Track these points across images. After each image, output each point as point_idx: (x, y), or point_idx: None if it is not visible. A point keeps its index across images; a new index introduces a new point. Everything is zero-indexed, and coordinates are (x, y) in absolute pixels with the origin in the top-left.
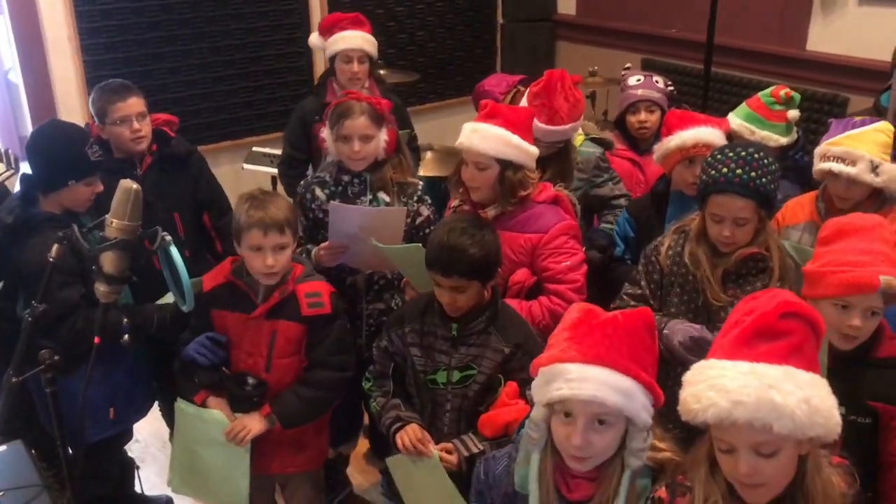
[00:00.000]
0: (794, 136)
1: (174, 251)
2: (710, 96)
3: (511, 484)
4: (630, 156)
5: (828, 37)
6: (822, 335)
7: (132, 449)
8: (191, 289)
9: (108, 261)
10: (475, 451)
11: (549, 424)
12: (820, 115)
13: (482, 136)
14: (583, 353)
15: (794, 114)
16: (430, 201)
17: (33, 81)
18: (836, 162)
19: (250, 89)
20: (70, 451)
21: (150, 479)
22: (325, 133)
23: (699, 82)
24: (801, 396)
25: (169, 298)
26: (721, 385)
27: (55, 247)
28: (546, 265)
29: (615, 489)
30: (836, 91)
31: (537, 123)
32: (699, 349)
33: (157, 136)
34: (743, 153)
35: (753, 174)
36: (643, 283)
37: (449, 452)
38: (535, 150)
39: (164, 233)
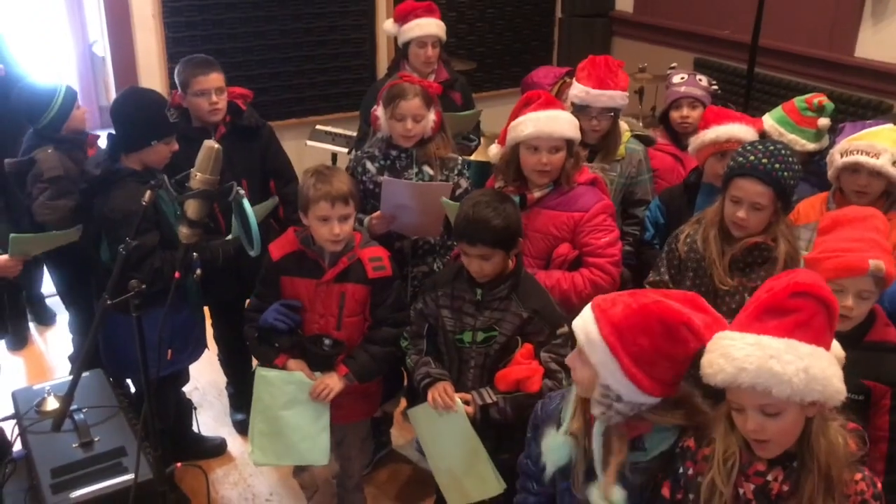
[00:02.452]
0: (825, 143)
1: (246, 203)
2: (755, 97)
3: (559, 421)
4: (672, 150)
5: (877, 44)
6: (835, 312)
7: (192, 395)
8: (259, 237)
9: (192, 207)
10: (489, 401)
11: None
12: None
13: (556, 120)
14: None
15: (824, 122)
16: (468, 174)
17: (119, 54)
18: (861, 154)
19: (316, 71)
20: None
21: (206, 423)
22: (378, 111)
23: (745, 82)
24: (800, 366)
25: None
26: (729, 353)
27: (148, 192)
28: (587, 241)
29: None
30: (881, 98)
31: (588, 90)
32: None
33: (231, 109)
34: (771, 147)
35: (777, 165)
36: (663, 269)
37: (467, 403)
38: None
39: (238, 187)
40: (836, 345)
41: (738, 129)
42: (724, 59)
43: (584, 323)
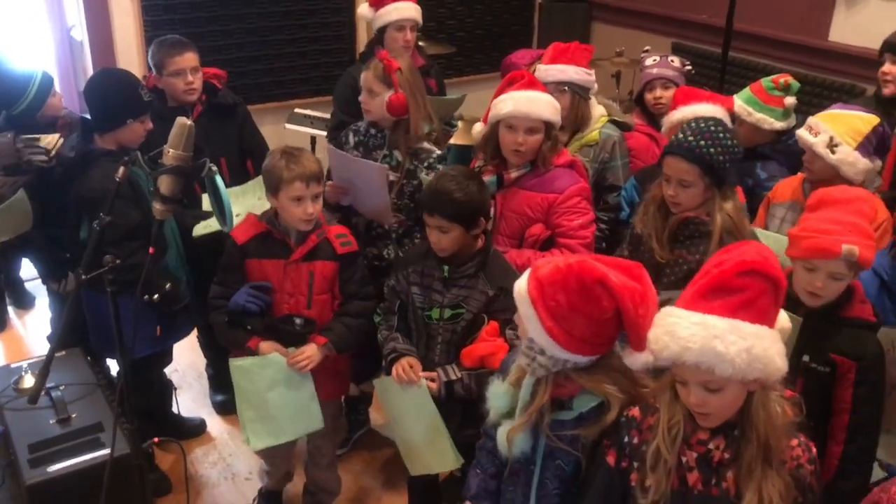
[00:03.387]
0: (791, 122)
1: (218, 179)
2: (730, 81)
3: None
4: (648, 131)
5: (850, 28)
6: (782, 288)
7: (171, 376)
8: (232, 213)
9: (165, 183)
10: (453, 378)
11: None
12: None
13: (535, 101)
14: None
15: (790, 100)
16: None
17: (97, 38)
18: (805, 130)
19: (295, 55)
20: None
21: (186, 405)
22: None
23: (721, 66)
24: (742, 346)
25: (213, 223)
26: (675, 332)
27: (121, 169)
28: (559, 222)
29: None
30: (854, 81)
31: (538, 66)
32: None
33: (206, 88)
34: (702, 125)
35: (703, 143)
36: (624, 244)
37: (432, 380)
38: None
39: (211, 164)
40: (783, 316)
41: (704, 109)
42: (701, 44)
43: (520, 281)
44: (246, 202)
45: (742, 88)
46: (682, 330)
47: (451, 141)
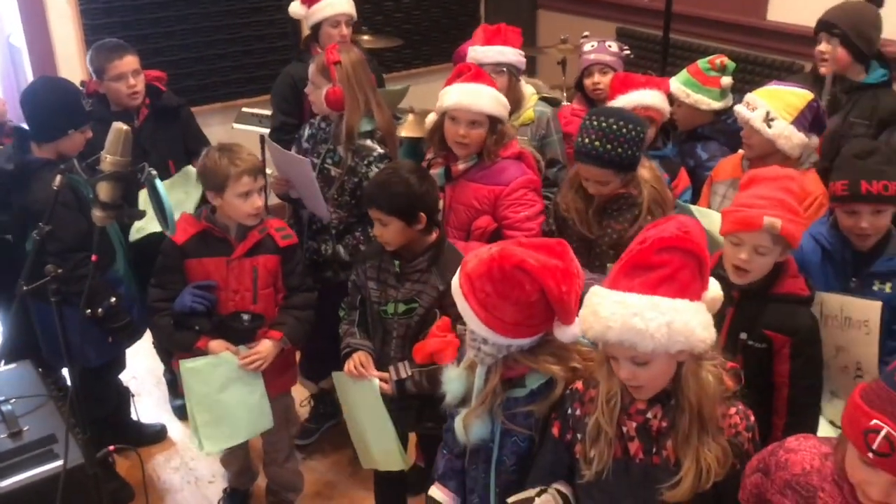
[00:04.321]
0: (729, 102)
1: (159, 183)
2: (672, 63)
3: None
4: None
5: (787, 7)
6: (705, 261)
7: (129, 384)
8: (174, 217)
9: (103, 190)
10: (404, 376)
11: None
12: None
13: (477, 95)
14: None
15: (727, 80)
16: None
17: (36, 45)
18: (743, 105)
19: (241, 53)
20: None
21: (146, 411)
22: None
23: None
24: (661, 321)
25: (151, 224)
26: (597, 311)
27: (58, 177)
28: (505, 214)
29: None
30: (793, 59)
31: (476, 48)
32: None
33: (149, 91)
34: (604, 125)
35: (609, 146)
36: (551, 220)
37: (385, 381)
38: (508, 105)
39: (150, 168)
40: (714, 287)
41: (641, 96)
42: (644, 28)
43: (455, 276)
44: (172, 196)
45: (683, 70)
46: (603, 309)
47: (402, 134)
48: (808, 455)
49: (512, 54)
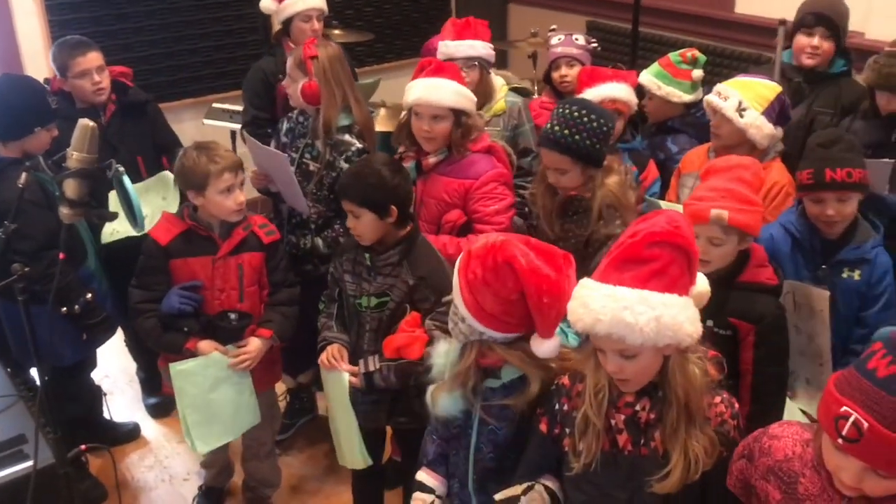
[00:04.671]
0: (699, 94)
1: (126, 179)
2: (642, 55)
3: None
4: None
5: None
6: (694, 256)
7: (102, 382)
8: (142, 213)
9: (70, 187)
10: (372, 369)
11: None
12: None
13: (438, 89)
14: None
15: (698, 73)
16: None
17: (1, 42)
18: (715, 95)
19: (211, 48)
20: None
21: (119, 410)
22: None
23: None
24: (651, 316)
25: (124, 226)
26: (587, 304)
27: (24, 175)
28: (476, 208)
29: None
30: (760, 51)
31: (448, 43)
32: None
33: (116, 87)
34: (568, 112)
35: (567, 132)
36: (527, 211)
37: (355, 374)
38: (474, 98)
39: (118, 165)
40: (702, 281)
41: (608, 89)
42: (614, 21)
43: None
44: (151, 202)
45: (654, 63)
46: (594, 302)
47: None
48: (790, 441)
49: (482, 48)
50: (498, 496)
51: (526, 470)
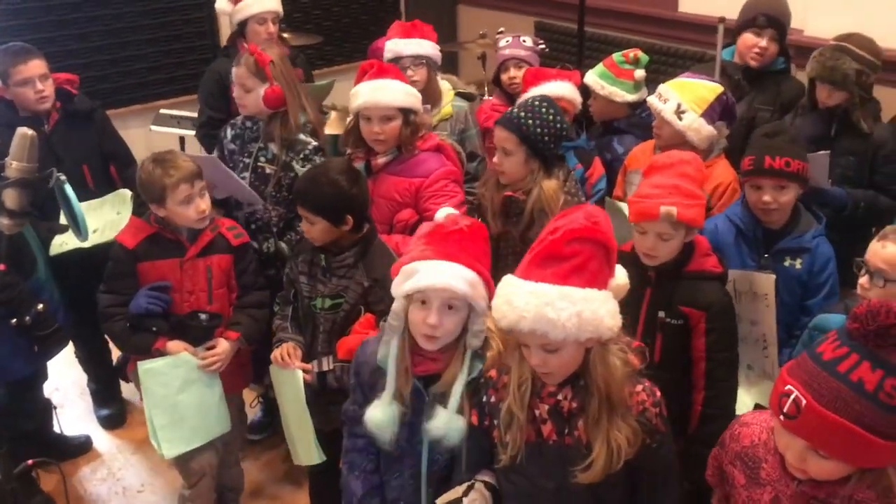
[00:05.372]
0: (643, 94)
1: (68, 188)
2: (588, 55)
3: (376, 361)
4: (506, 110)
5: None
6: (613, 251)
7: (52, 396)
8: (86, 222)
9: (10, 197)
10: (326, 369)
11: (406, 314)
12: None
13: (385, 90)
14: (438, 253)
15: (640, 73)
16: (317, 161)
17: None
18: (655, 97)
19: (157, 54)
20: None
21: (71, 423)
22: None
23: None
24: (572, 311)
25: (73, 239)
26: (511, 301)
27: None
28: (427, 206)
29: (460, 366)
30: (704, 49)
31: (396, 41)
32: None
33: (60, 94)
34: (531, 102)
35: (522, 115)
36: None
37: (307, 373)
38: (420, 95)
39: (59, 174)
40: (620, 273)
41: (555, 87)
42: (561, 21)
43: None
44: (104, 216)
45: (599, 62)
46: (517, 299)
47: (325, 130)
48: (757, 429)
49: (429, 47)
50: (439, 501)
51: (466, 465)
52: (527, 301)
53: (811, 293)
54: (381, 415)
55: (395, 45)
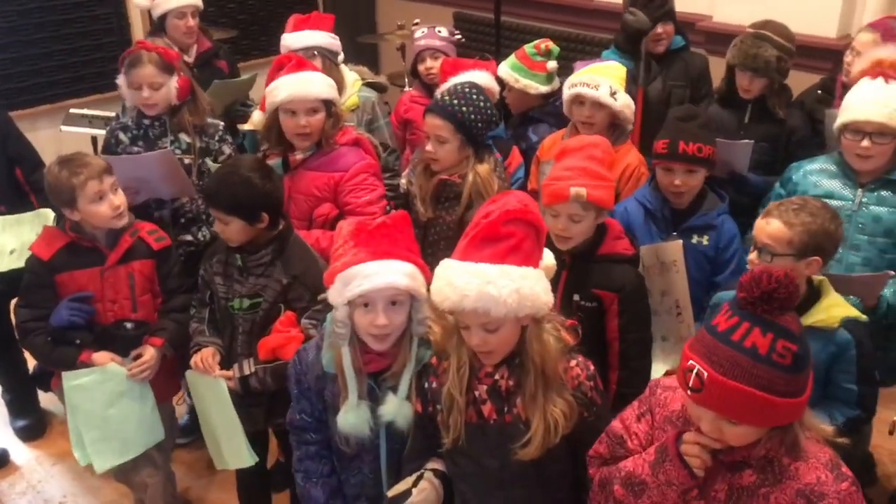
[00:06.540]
0: (556, 84)
1: None
2: (505, 45)
3: (321, 367)
4: (425, 102)
5: None
6: (543, 232)
7: None
8: None
9: None
10: (248, 372)
11: (351, 319)
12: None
13: (309, 83)
14: (371, 254)
15: (552, 65)
16: (231, 140)
17: None
18: (583, 87)
19: (65, 52)
20: None
21: None
22: (121, 81)
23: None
24: (512, 288)
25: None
26: (452, 282)
27: None
28: (347, 200)
29: (408, 354)
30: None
31: (286, 35)
32: None
33: None
34: (460, 88)
35: (455, 101)
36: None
37: (229, 379)
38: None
39: None
40: (547, 255)
41: (472, 77)
42: (479, 11)
43: None
44: (21, 236)
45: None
46: (458, 279)
47: (245, 127)
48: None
49: (322, 38)
50: (389, 493)
51: (414, 454)
52: (468, 281)
53: (719, 269)
54: (353, 418)
55: (285, 41)
